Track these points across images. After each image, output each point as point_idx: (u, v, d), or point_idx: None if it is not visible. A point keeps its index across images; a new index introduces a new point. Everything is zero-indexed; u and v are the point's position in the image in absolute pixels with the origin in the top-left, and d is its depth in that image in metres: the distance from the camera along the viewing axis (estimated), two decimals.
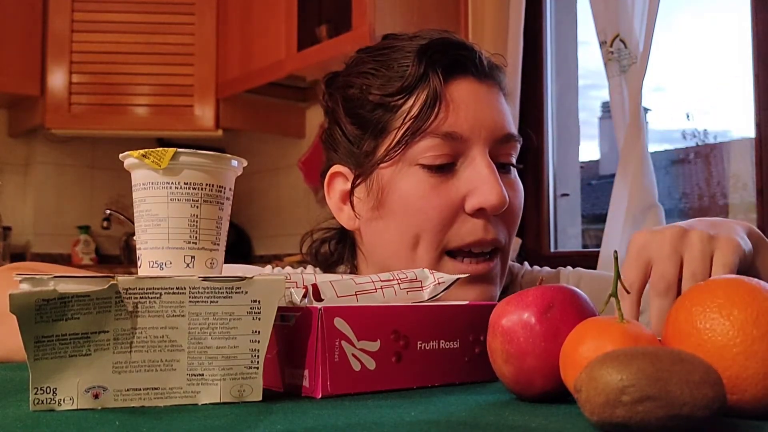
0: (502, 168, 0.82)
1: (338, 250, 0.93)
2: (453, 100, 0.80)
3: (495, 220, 0.80)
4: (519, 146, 0.85)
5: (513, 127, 0.84)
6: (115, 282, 0.47)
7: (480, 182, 0.78)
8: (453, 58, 0.81)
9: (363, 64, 0.85)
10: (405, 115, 0.80)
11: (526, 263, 1.00)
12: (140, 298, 0.48)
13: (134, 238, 0.56)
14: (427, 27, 0.89)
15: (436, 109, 0.78)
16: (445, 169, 0.79)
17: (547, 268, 1.00)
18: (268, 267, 1.01)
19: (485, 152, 0.80)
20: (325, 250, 0.94)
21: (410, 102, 0.80)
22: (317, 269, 0.95)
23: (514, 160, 0.85)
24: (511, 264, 0.97)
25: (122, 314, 0.47)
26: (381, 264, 0.84)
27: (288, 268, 0.99)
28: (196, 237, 0.53)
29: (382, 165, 0.81)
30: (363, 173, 0.83)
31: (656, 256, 0.61)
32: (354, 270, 0.92)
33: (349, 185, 0.85)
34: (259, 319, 0.50)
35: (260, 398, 0.50)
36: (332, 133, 0.88)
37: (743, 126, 1.92)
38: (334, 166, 0.87)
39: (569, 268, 0.99)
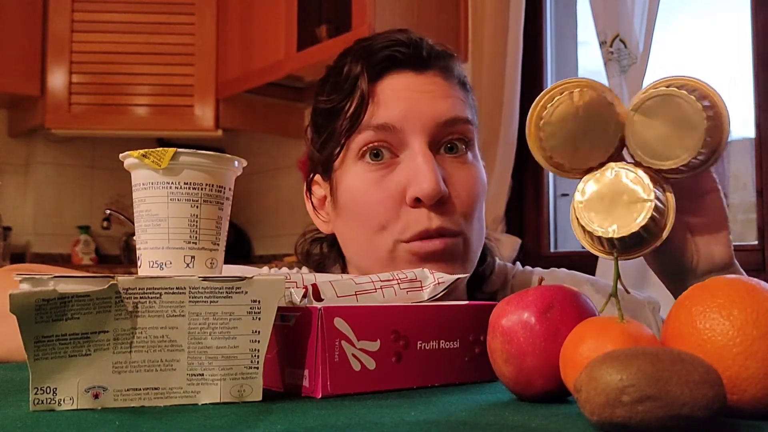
0: (451, 150, 0.81)
1: (330, 251, 0.93)
2: (385, 94, 0.81)
3: (442, 209, 0.78)
4: (473, 129, 0.84)
5: (460, 111, 0.82)
6: (115, 282, 0.47)
7: (415, 172, 0.78)
8: (387, 56, 0.82)
9: (327, 73, 0.88)
10: (345, 115, 0.82)
11: (518, 264, 1.00)
12: (140, 298, 0.48)
13: (134, 238, 0.56)
14: (427, 27, 0.89)
15: (366, 106, 0.80)
16: (385, 162, 0.80)
17: (538, 269, 0.99)
18: (265, 268, 1.01)
19: (422, 142, 0.79)
20: (317, 251, 0.94)
21: (349, 103, 0.82)
22: (312, 270, 0.95)
23: (465, 141, 0.82)
24: (503, 264, 0.96)
25: (122, 314, 0.47)
26: (354, 263, 0.86)
27: (284, 269, 0.99)
28: (196, 237, 0.53)
29: (334, 166, 0.84)
30: (320, 174, 0.87)
31: None
32: (344, 271, 0.93)
33: (321, 192, 0.89)
34: (259, 319, 0.50)
35: (260, 398, 0.50)
36: (310, 143, 0.90)
37: (743, 126, 1.92)
38: (311, 175, 0.90)
39: (554, 269, 0.98)
